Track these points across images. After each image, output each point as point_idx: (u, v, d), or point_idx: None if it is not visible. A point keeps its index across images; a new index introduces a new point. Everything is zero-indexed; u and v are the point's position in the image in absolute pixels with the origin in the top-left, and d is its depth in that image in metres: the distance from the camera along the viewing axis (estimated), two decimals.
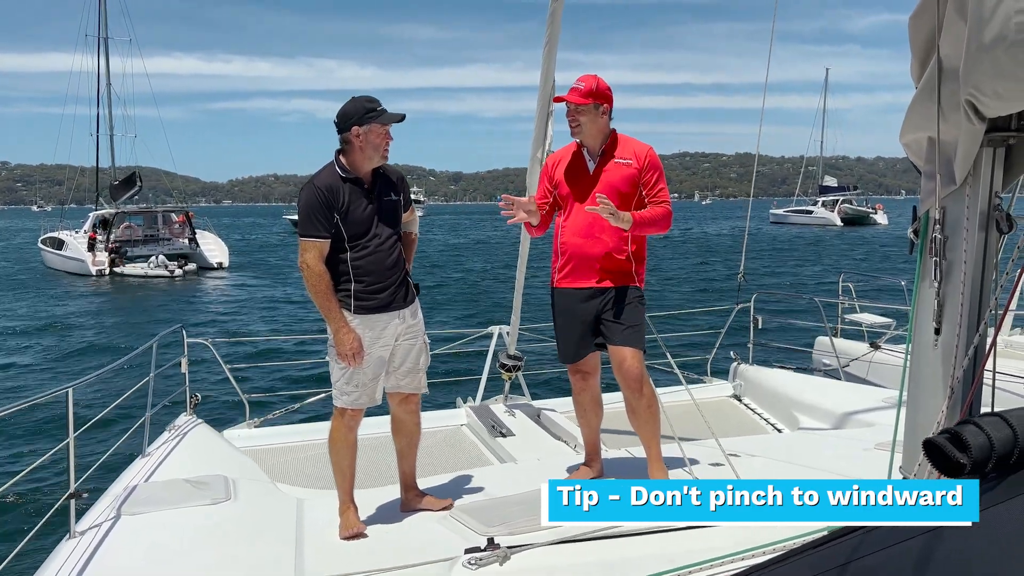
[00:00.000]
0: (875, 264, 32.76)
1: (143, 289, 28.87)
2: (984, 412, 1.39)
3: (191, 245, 34.77)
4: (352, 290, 3.43)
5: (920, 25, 2.32)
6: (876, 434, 4.52)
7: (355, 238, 3.41)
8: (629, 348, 3.65)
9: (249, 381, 9.82)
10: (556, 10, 4.81)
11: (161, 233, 35.27)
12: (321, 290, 3.37)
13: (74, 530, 3.52)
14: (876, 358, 7.83)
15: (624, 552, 2.83)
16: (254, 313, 22.76)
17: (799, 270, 30.89)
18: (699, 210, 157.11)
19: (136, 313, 22.82)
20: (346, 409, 3.53)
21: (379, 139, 3.42)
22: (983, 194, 2.37)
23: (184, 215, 35.96)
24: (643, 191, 3.73)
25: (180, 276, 31.58)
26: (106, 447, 4.84)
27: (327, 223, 3.36)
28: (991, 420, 1.30)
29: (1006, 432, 1.29)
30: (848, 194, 72.44)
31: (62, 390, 3.68)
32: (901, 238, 47.32)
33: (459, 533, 3.21)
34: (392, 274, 3.50)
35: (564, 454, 4.89)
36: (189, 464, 4.48)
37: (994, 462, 1.29)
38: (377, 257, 3.44)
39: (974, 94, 2.09)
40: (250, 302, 25.40)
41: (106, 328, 20.12)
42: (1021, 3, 1.85)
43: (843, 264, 31.94)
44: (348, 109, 3.43)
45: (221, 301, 26.03)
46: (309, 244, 3.37)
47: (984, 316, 2.42)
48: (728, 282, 24.58)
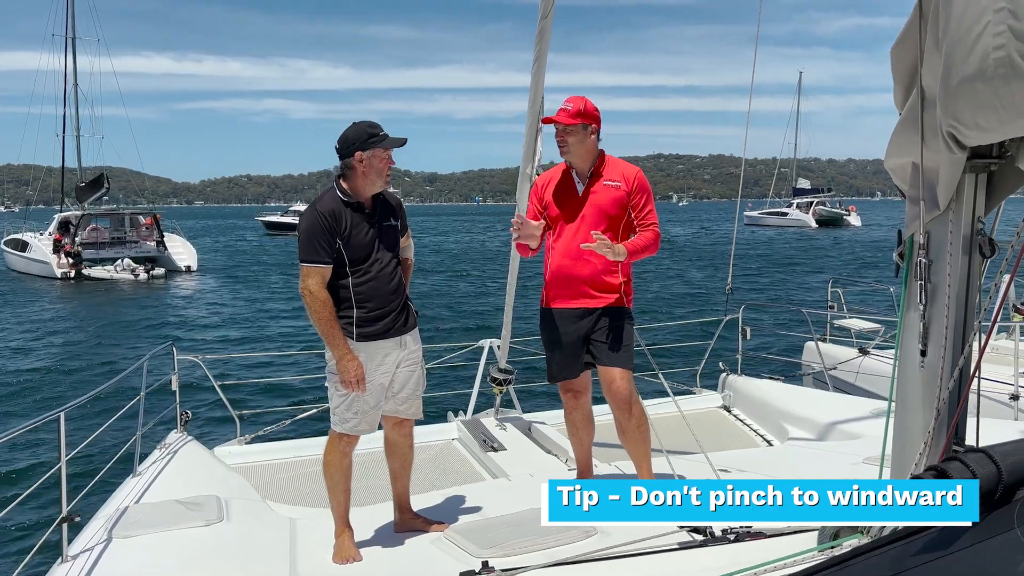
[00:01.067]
0: (857, 269, 32.88)
1: (109, 293, 28.39)
2: (968, 446, 1.42)
3: (159, 248, 34.29)
4: (354, 316, 3.42)
5: (902, 55, 2.37)
6: (864, 447, 4.56)
7: (357, 263, 3.41)
8: (618, 368, 3.69)
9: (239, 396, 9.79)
10: (544, 28, 4.84)
11: (128, 236, 34.78)
12: (324, 316, 3.35)
13: (66, 554, 3.51)
14: (865, 365, 7.90)
15: (619, 573, 2.85)
16: (223, 318, 22.42)
17: (789, 277, 30.87)
18: (676, 211, 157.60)
19: (101, 318, 22.39)
20: (344, 435, 3.53)
21: (382, 164, 3.43)
22: (966, 219, 2.42)
23: (152, 217, 35.49)
24: (632, 213, 3.76)
25: (147, 280, 31.14)
26: (97, 466, 4.83)
27: (329, 248, 3.35)
28: (976, 457, 1.34)
29: (991, 469, 1.32)
30: (822, 196, 73.20)
31: (54, 415, 3.67)
32: (877, 242, 47.58)
33: (453, 556, 3.23)
34: (393, 299, 3.50)
35: (555, 469, 4.91)
36: (181, 483, 4.47)
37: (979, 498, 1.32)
38: (379, 282, 3.44)
39: (954, 125, 2.14)
40: (218, 306, 25.08)
41: (70, 333, 19.74)
42: (999, 40, 1.90)
43: (830, 268, 32.09)
44: (350, 134, 3.43)
45: (189, 306, 25.60)
46: (312, 270, 3.35)
47: (968, 339, 2.47)
48: (713, 289, 24.69)
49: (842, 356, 8.26)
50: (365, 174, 3.41)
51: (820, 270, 31.93)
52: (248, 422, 6.45)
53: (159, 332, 19.79)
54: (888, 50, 2.46)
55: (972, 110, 2.07)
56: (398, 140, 3.47)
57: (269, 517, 4.10)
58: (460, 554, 3.21)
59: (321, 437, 5.33)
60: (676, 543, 3.05)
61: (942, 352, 2.46)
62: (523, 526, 3.42)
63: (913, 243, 2.50)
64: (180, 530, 3.69)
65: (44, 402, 12.33)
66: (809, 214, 68.18)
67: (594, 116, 3.76)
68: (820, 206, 69.88)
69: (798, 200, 70.93)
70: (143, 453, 4.91)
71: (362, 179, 3.43)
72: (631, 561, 2.90)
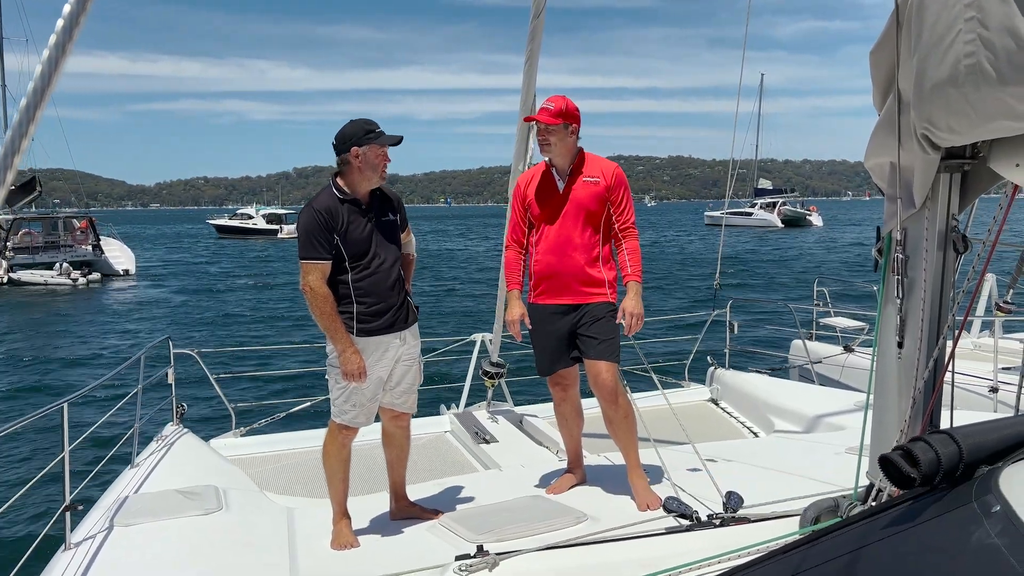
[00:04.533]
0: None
1: (44, 298, 28.07)
2: (933, 429, 1.53)
3: (95, 252, 33.88)
4: (355, 312, 3.49)
5: (880, 60, 2.48)
6: (847, 438, 4.68)
7: (356, 258, 3.48)
8: (604, 362, 3.78)
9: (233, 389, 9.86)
10: (536, 28, 4.94)
11: (63, 239, 34.22)
12: (326, 311, 3.42)
13: (69, 541, 3.58)
14: (849, 361, 8.04)
15: (608, 557, 2.95)
16: (163, 320, 22.36)
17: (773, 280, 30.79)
18: (645, 212, 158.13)
19: (35, 324, 22.19)
20: (343, 426, 3.62)
21: (378, 159, 3.51)
22: (941, 217, 2.54)
23: (87, 220, 35.04)
24: (611, 209, 3.86)
25: (83, 284, 30.80)
26: (95, 457, 4.90)
27: (328, 244, 3.42)
28: (939, 437, 1.45)
29: (952, 448, 1.43)
30: (786, 196, 73.88)
31: (57, 406, 3.74)
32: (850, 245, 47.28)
33: (449, 541, 3.32)
34: (393, 294, 3.57)
35: (547, 460, 5.02)
36: (178, 474, 4.55)
37: (942, 475, 1.43)
38: (378, 278, 3.52)
39: (928, 128, 2.25)
40: (156, 308, 25.00)
41: (5, 339, 19.52)
42: (969, 47, 2.01)
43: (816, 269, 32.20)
44: (347, 131, 3.51)
45: (126, 309, 25.33)
46: (311, 266, 3.42)
47: (943, 331, 2.58)
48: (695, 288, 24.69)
49: (827, 353, 8.40)
50: (361, 170, 3.49)
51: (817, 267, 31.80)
52: (243, 415, 6.53)
53: (96, 336, 19.64)
54: (842, 53, 2.58)
55: (945, 114, 2.18)
56: (394, 137, 3.56)
57: (267, 506, 4.19)
58: (455, 540, 3.30)
59: (315, 430, 5.43)
60: (664, 528, 3.16)
61: (918, 344, 2.58)
62: (516, 513, 3.52)
63: (891, 239, 2.61)
64: (180, 519, 3.78)
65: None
66: (775, 214, 68.63)
67: (575, 115, 3.86)
68: (785, 206, 70.45)
69: (761, 200, 71.36)
70: (140, 445, 4.98)
71: (358, 175, 3.50)
72: (620, 545, 3.01)
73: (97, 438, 5.96)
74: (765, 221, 67.78)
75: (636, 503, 3.67)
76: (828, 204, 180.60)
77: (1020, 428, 1.51)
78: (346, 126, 3.54)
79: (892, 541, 1.40)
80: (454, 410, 6.24)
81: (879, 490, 2.69)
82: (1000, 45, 1.93)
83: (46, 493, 7.16)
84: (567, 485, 4.05)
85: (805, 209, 74.95)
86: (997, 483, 1.33)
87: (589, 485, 4.08)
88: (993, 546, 1.20)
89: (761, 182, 78.61)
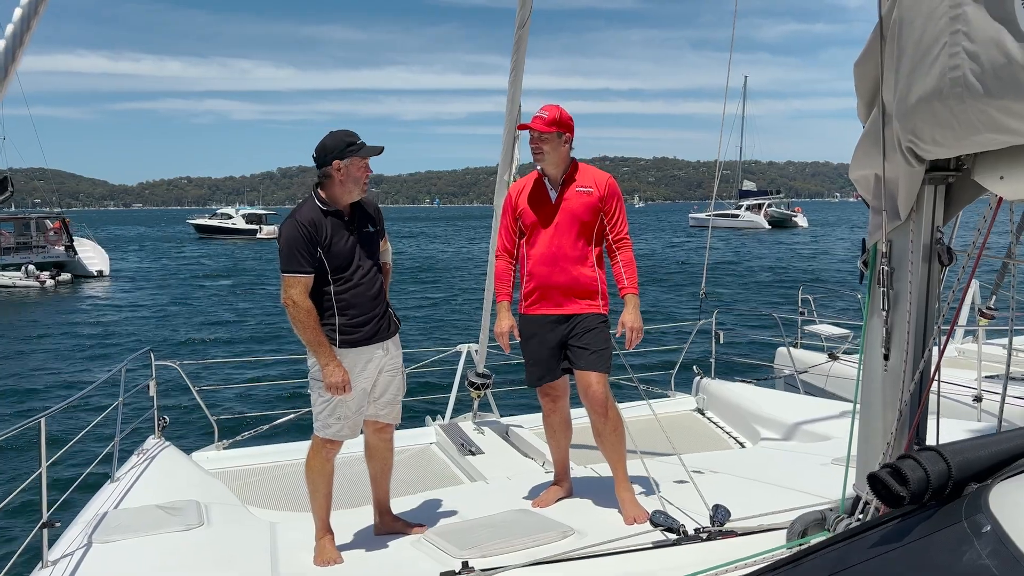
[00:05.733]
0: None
1: (10, 300, 27.67)
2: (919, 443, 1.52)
3: (68, 253, 33.42)
4: (336, 324, 3.47)
5: (864, 72, 2.48)
6: (833, 448, 4.68)
7: (338, 271, 3.45)
8: (594, 373, 3.76)
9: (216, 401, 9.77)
10: (521, 38, 4.93)
11: (35, 240, 33.80)
12: (309, 325, 3.39)
13: (47, 559, 3.52)
14: (834, 369, 8.06)
15: (595, 572, 2.93)
16: (136, 323, 21.94)
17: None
18: (633, 213, 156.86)
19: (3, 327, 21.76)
20: (327, 440, 3.57)
21: (359, 172, 3.48)
22: (926, 229, 2.54)
23: (60, 221, 34.56)
24: (604, 219, 3.85)
25: (51, 286, 30.36)
26: (74, 472, 4.82)
27: (311, 258, 3.39)
28: (928, 455, 1.43)
29: (941, 466, 1.41)
30: (771, 198, 74.27)
31: (34, 420, 3.67)
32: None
33: (434, 557, 3.28)
34: (375, 305, 3.55)
35: (533, 472, 4.98)
36: (159, 489, 4.49)
37: (930, 493, 1.41)
38: (361, 289, 3.49)
39: (914, 140, 2.25)
40: (130, 310, 24.59)
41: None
42: (955, 60, 2.01)
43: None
44: (327, 143, 3.48)
45: (97, 312, 24.74)
46: (293, 280, 3.38)
47: (928, 343, 2.58)
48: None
49: (812, 361, 8.41)
50: (343, 182, 3.46)
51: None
52: (226, 427, 6.46)
53: (59, 341, 19.27)
54: (824, 56, 2.58)
55: (930, 127, 2.17)
56: (375, 148, 3.53)
57: (249, 521, 4.13)
58: (440, 555, 3.26)
59: (299, 442, 5.36)
60: (651, 542, 3.14)
61: (904, 356, 2.58)
62: (502, 527, 3.49)
63: (876, 251, 2.61)
64: (160, 535, 3.71)
65: None
66: (761, 215, 68.99)
67: (568, 124, 3.85)
68: (771, 207, 70.91)
69: (747, 202, 71.77)
70: (120, 459, 4.91)
71: (340, 187, 3.47)
72: (607, 560, 2.98)
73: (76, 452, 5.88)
74: (752, 222, 68.01)
75: (623, 517, 3.64)
76: (816, 205, 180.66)
77: (1008, 445, 1.50)
78: (326, 138, 3.51)
79: (880, 560, 1.39)
80: (440, 421, 6.20)
81: (866, 503, 2.69)
82: (986, 58, 1.93)
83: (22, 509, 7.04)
84: (553, 498, 4.02)
85: (790, 210, 75.42)
86: (987, 502, 1.32)
87: (576, 498, 4.05)
88: (984, 567, 1.18)
89: (746, 183, 79.02)
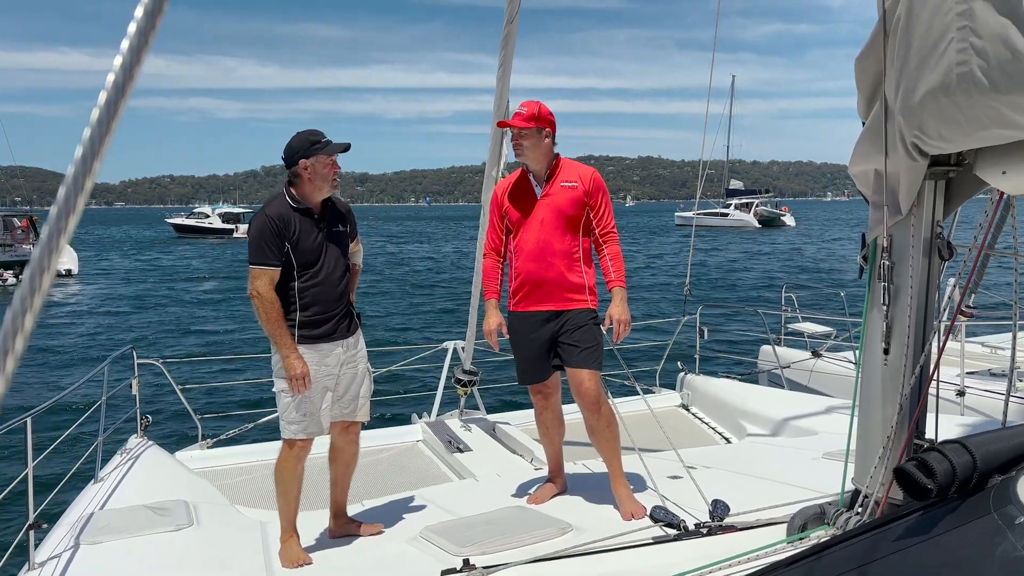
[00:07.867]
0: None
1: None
2: (944, 440, 1.52)
3: None
4: (296, 319, 3.50)
5: (865, 68, 2.49)
6: (822, 443, 4.72)
7: (305, 267, 3.49)
8: (586, 370, 3.74)
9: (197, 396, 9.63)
10: (510, 33, 4.91)
11: (2, 239, 33.03)
12: (273, 317, 3.42)
13: (33, 561, 3.45)
14: (818, 366, 8.12)
15: (598, 568, 2.92)
16: (103, 321, 21.50)
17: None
18: (623, 212, 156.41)
19: None
20: (295, 440, 3.55)
21: (326, 169, 3.52)
22: (926, 223, 2.55)
23: (28, 220, 34.09)
24: (590, 213, 3.84)
25: (13, 284, 29.54)
26: (57, 472, 4.73)
27: (278, 251, 3.43)
28: (953, 447, 1.43)
29: (966, 458, 1.42)
30: (760, 197, 74.84)
31: (20, 420, 3.60)
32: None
33: (433, 555, 3.25)
34: (338, 305, 3.59)
35: (522, 468, 4.97)
36: (145, 488, 4.42)
37: (956, 486, 1.42)
38: (325, 288, 3.53)
39: (919, 135, 2.26)
40: (97, 309, 24.18)
41: None
42: (962, 56, 2.02)
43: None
44: (293, 143, 3.53)
45: (64, 310, 24.18)
46: (260, 272, 3.42)
47: (928, 337, 2.60)
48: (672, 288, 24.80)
49: (796, 358, 8.47)
50: (311, 180, 3.51)
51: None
52: (209, 426, 6.38)
53: (32, 339, 19.00)
54: (809, 56, 2.59)
55: (936, 122, 2.19)
56: (340, 146, 3.57)
57: (239, 521, 4.07)
58: (440, 553, 3.24)
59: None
60: (650, 538, 3.13)
61: (904, 350, 2.59)
62: (500, 524, 3.47)
63: (876, 246, 2.63)
64: (149, 535, 3.65)
65: None
66: (751, 214, 69.46)
67: (548, 120, 3.84)
68: (761, 207, 71.44)
69: (735, 201, 72.23)
70: (103, 458, 4.83)
71: (309, 186, 3.52)
72: (608, 556, 2.97)
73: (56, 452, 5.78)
74: (741, 221, 68.27)
75: (620, 512, 3.64)
76: (806, 205, 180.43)
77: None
78: (292, 139, 3.56)
79: (908, 553, 1.39)
80: (426, 419, 6.17)
81: (865, 497, 2.70)
82: (993, 53, 1.94)
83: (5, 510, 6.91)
84: (548, 494, 4.01)
85: (778, 209, 75.99)
86: (1016, 493, 1.32)
87: (571, 494, 4.04)
88: (1021, 559, 1.18)
89: (733, 182, 79.49)
